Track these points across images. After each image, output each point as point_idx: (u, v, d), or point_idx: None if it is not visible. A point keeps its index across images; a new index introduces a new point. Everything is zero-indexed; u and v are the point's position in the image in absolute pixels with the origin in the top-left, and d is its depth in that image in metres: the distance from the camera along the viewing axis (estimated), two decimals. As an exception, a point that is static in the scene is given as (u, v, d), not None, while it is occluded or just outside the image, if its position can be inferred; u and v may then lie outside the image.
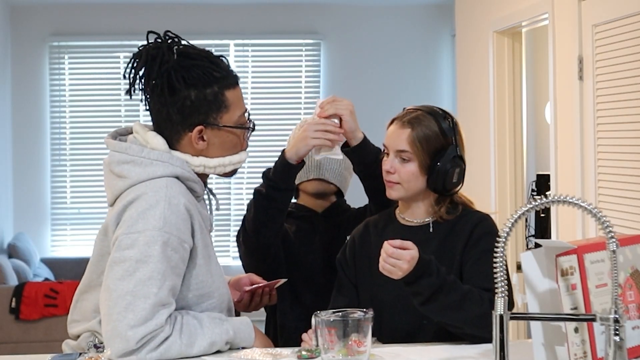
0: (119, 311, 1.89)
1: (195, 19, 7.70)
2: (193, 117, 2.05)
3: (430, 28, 7.96)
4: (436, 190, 2.25)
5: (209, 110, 2.05)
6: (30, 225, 7.56)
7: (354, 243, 2.35)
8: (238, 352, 2.01)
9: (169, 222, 1.94)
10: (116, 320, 1.88)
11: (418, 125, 2.22)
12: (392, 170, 2.23)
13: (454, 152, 2.23)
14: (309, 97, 7.77)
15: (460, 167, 2.24)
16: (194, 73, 2.04)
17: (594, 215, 1.58)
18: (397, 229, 2.29)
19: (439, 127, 2.23)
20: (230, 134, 2.09)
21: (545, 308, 1.71)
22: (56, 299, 5.90)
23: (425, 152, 2.21)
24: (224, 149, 2.09)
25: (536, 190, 6.29)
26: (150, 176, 1.99)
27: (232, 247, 7.64)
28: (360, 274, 2.31)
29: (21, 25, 7.60)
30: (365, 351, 1.82)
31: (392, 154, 2.25)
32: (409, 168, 2.22)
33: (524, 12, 4.54)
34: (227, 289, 2.18)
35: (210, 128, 2.06)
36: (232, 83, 2.09)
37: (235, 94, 2.10)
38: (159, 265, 1.91)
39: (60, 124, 7.72)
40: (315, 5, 7.78)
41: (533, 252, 1.72)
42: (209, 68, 2.06)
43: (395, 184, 2.24)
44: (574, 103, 3.87)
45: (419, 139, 2.21)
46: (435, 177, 2.21)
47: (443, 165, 2.21)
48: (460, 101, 5.77)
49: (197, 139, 2.06)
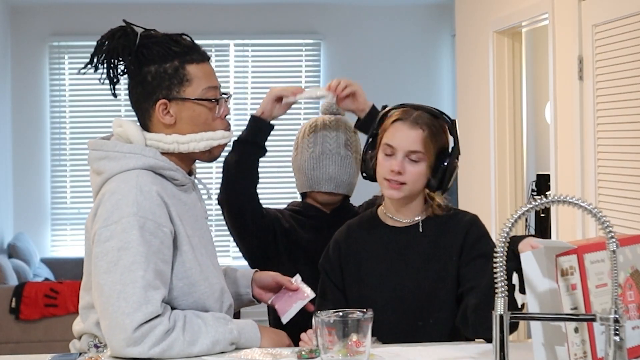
0: (112, 302, 1.89)
1: (195, 19, 7.71)
2: (156, 92, 2.08)
3: (430, 28, 7.97)
4: (433, 189, 2.24)
5: (170, 84, 2.07)
6: (30, 225, 7.56)
7: (338, 247, 2.32)
8: (238, 352, 2.01)
9: (143, 207, 1.95)
10: (112, 313, 1.89)
11: (427, 125, 2.21)
12: (401, 171, 2.19)
13: (456, 152, 2.24)
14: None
15: (457, 166, 2.26)
16: (154, 50, 2.08)
17: (594, 215, 1.58)
18: (385, 230, 2.28)
19: (444, 127, 2.24)
20: (198, 107, 2.09)
21: (545, 308, 1.71)
22: (56, 299, 5.90)
23: (433, 153, 2.21)
24: (194, 124, 2.09)
25: (536, 190, 6.29)
26: (123, 169, 2.01)
27: (232, 248, 7.64)
28: (348, 277, 2.29)
29: (21, 25, 7.60)
30: (365, 351, 1.82)
31: (400, 153, 2.20)
32: (418, 169, 2.20)
33: (524, 12, 4.54)
34: (221, 280, 2.16)
35: (174, 102, 2.08)
36: (195, 58, 2.10)
37: (200, 69, 2.11)
38: (140, 248, 1.92)
39: (60, 124, 7.72)
40: (315, 5, 7.78)
41: (533, 252, 1.72)
42: (168, 44, 2.09)
43: (401, 184, 2.20)
44: (574, 103, 3.87)
45: (432, 141, 2.20)
46: (441, 176, 2.22)
47: (450, 164, 2.22)
48: (460, 101, 5.77)
49: (162, 112, 2.08)
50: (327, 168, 2.54)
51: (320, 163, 2.56)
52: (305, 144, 2.60)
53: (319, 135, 2.59)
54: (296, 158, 2.63)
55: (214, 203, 2.71)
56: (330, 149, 2.56)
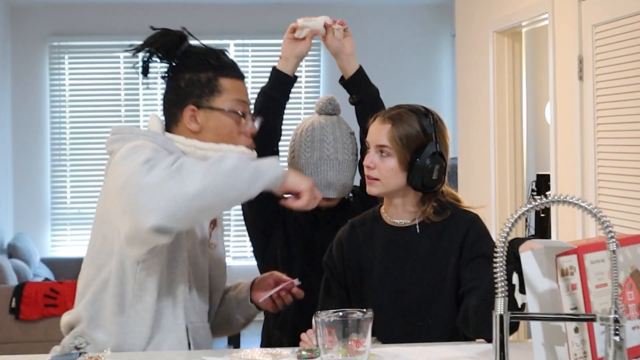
0: (131, 181, 1.83)
1: (195, 19, 7.70)
2: (186, 99, 2.11)
3: (430, 28, 7.96)
4: (416, 188, 2.24)
5: (201, 92, 2.11)
6: (30, 225, 7.56)
7: (341, 245, 2.33)
8: (238, 352, 2.00)
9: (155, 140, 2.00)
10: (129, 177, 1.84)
11: (399, 121, 2.23)
12: (372, 166, 2.24)
13: (433, 149, 2.22)
14: (309, 97, 7.77)
15: (441, 164, 2.23)
16: (193, 59, 2.12)
17: (594, 215, 1.58)
18: (385, 229, 2.29)
19: (420, 123, 2.23)
20: (224, 118, 2.11)
21: (545, 308, 1.71)
22: (56, 299, 5.90)
23: (405, 149, 2.21)
24: (218, 135, 2.11)
25: (536, 190, 6.29)
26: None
27: (232, 247, 7.65)
28: (350, 276, 2.30)
29: (21, 25, 7.60)
30: (365, 351, 1.82)
31: (372, 149, 2.25)
32: (388, 164, 2.22)
33: (524, 12, 4.54)
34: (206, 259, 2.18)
35: (202, 110, 2.10)
36: (230, 74, 2.14)
37: (232, 83, 2.14)
38: (154, 146, 1.95)
39: (60, 124, 7.72)
40: (315, 6, 7.77)
41: (533, 252, 1.72)
42: (207, 56, 2.13)
43: (374, 180, 2.24)
44: (574, 103, 3.87)
45: (399, 135, 2.22)
46: (415, 173, 2.21)
47: (422, 161, 2.21)
48: (460, 101, 5.77)
49: (189, 119, 2.10)
50: (325, 174, 2.52)
51: (318, 169, 2.54)
52: (303, 148, 2.58)
53: (317, 139, 2.57)
54: (293, 161, 2.61)
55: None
56: (328, 154, 2.54)
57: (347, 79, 2.60)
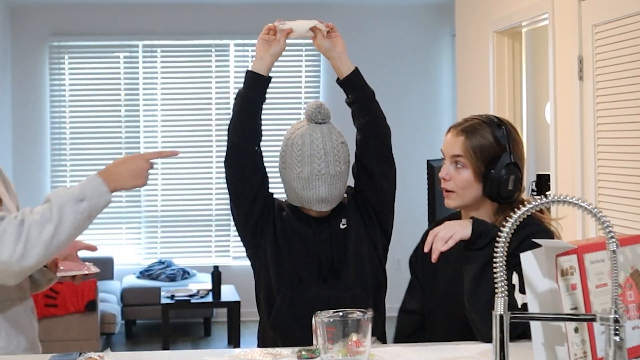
0: None
1: (195, 19, 7.71)
2: None
3: (430, 28, 7.97)
4: (492, 198, 2.26)
5: None
6: (30, 225, 7.55)
7: (420, 247, 2.36)
8: (238, 352, 2.00)
9: None
10: None
11: (472, 133, 2.26)
12: (447, 177, 2.28)
13: (507, 159, 2.24)
14: (309, 97, 7.77)
15: (516, 174, 2.25)
16: None
17: (594, 215, 1.58)
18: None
19: (493, 135, 2.26)
20: None
21: (545, 308, 1.71)
22: (56, 299, 5.90)
23: (479, 160, 2.24)
24: None
25: (536, 190, 6.29)
26: None
27: (232, 247, 7.64)
28: (422, 276, 2.38)
29: (21, 25, 7.60)
30: (365, 351, 1.82)
31: (447, 160, 2.30)
32: (463, 175, 2.26)
33: (524, 12, 4.54)
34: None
35: None
36: None
37: None
38: None
39: (60, 124, 7.72)
40: (315, 6, 7.78)
41: (533, 252, 1.72)
42: None
43: (450, 192, 2.28)
44: (574, 103, 3.87)
45: (473, 147, 2.25)
46: (490, 184, 2.24)
47: (497, 172, 2.23)
48: (460, 101, 5.77)
49: None
50: (317, 190, 2.45)
51: (310, 184, 2.47)
52: (294, 161, 2.49)
53: (307, 155, 2.47)
54: (284, 172, 2.53)
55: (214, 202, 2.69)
56: (319, 169, 2.44)
57: (341, 80, 2.60)
